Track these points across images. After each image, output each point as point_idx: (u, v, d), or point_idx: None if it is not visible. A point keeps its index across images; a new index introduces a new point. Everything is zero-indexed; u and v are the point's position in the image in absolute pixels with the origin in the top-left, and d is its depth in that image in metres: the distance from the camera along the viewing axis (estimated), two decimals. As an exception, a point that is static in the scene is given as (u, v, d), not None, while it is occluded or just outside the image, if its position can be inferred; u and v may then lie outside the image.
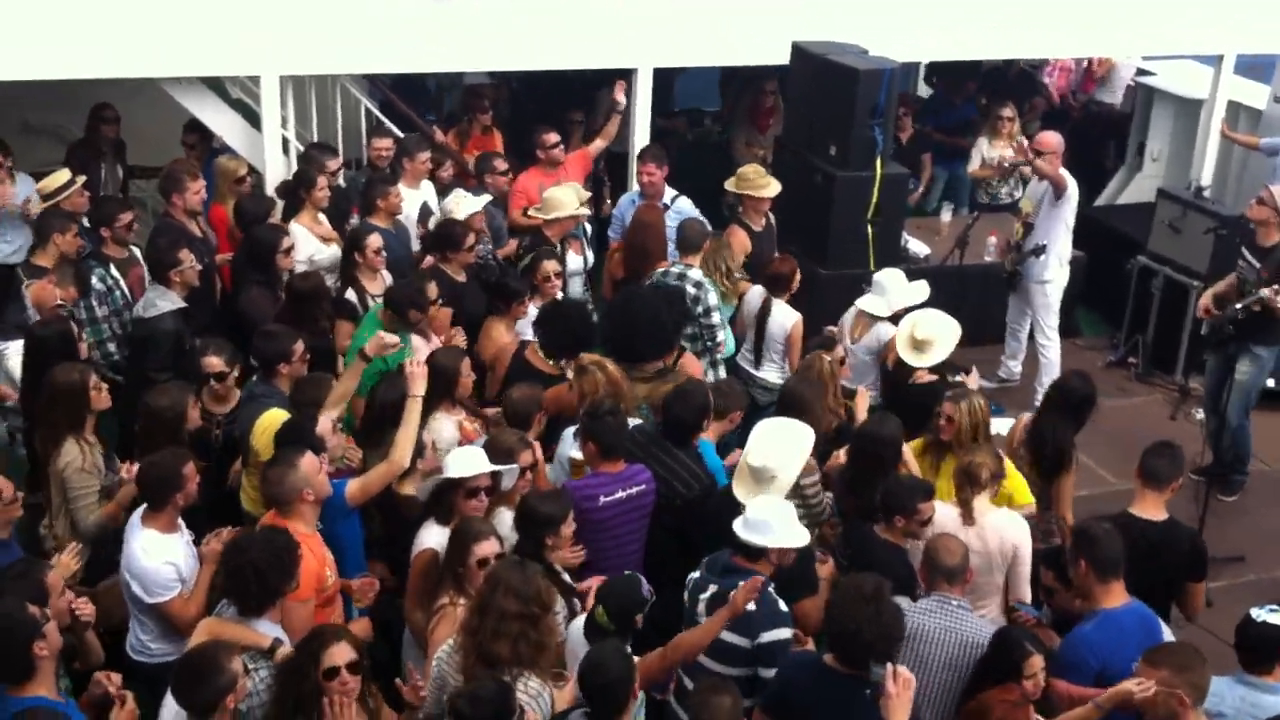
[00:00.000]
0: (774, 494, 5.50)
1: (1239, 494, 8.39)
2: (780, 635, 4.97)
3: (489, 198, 8.46)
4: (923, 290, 7.62)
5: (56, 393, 5.91)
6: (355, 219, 8.37)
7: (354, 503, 5.63)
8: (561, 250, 8.16)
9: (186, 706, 4.38)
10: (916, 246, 9.88)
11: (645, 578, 5.12)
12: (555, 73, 10.43)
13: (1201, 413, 8.72)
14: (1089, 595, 5.26)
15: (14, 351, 6.69)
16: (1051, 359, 9.14)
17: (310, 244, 8.00)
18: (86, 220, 7.93)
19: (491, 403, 6.89)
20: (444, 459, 5.74)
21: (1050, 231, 8.94)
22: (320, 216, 8.24)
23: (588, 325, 7.19)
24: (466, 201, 8.11)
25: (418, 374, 5.88)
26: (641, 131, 9.78)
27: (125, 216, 7.71)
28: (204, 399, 6.36)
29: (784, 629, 4.99)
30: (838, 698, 4.65)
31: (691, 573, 5.35)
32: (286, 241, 7.57)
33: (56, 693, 4.58)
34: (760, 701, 4.95)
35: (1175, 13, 10.74)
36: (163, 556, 5.26)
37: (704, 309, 7.63)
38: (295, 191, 8.28)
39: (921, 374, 7.06)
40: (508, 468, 5.65)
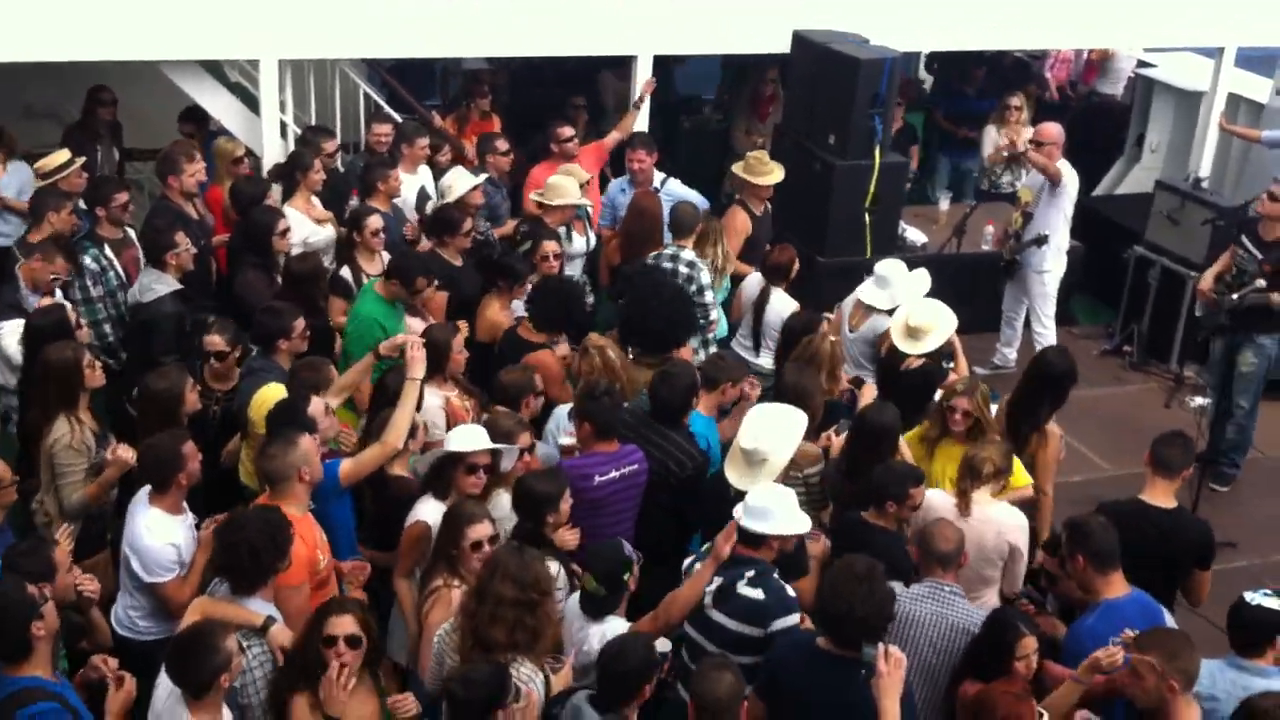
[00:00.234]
0: (764, 477, 5.52)
1: (1230, 485, 8.39)
2: (791, 622, 4.97)
3: (486, 175, 8.47)
4: (924, 279, 7.62)
5: (50, 369, 5.91)
6: (354, 201, 8.36)
7: (347, 483, 5.62)
8: (567, 232, 8.20)
9: (182, 685, 4.39)
10: (914, 235, 9.88)
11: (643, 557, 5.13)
12: (555, 58, 10.42)
13: (1196, 400, 8.71)
14: (1089, 588, 5.25)
15: (9, 331, 6.67)
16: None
17: (305, 226, 7.99)
18: (82, 201, 7.92)
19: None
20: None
21: (1049, 222, 8.95)
22: (314, 199, 8.23)
23: (579, 302, 7.23)
24: (464, 178, 8.13)
25: (418, 357, 5.90)
26: (640, 119, 9.75)
27: (121, 197, 7.68)
28: (204, 375, 6.37)
29: (793, 615, 4.99)
30: (831, 680, 4.64)
31: (687, 558, 5.37)
32: (282, 224, 7.55)
33: (53, 673, 4.58)
34: (752, 685, 4.93)
35: (1176, 6, 10.73)
36: (166, 538, 5.27)
37: (697, 288, 7.67)
38: (290, 174, 8.27)
39: (913, 360, 7.07)
40: (508, 447, 5.66)
